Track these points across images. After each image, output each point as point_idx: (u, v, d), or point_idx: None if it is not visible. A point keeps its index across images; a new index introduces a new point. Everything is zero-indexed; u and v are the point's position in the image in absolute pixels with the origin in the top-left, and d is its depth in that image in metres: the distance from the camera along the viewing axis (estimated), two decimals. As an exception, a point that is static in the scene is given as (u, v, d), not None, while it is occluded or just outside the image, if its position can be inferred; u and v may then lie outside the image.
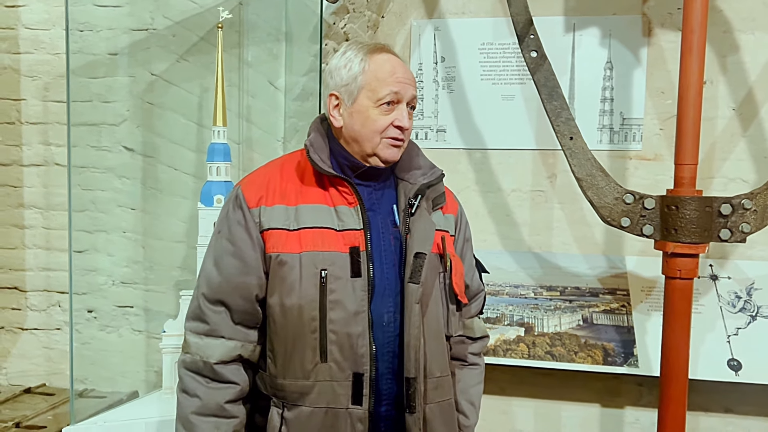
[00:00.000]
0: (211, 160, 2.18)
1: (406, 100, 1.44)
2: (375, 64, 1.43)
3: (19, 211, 2.82)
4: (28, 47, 2.76)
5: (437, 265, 1.49)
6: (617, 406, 2.59)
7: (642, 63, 2.58)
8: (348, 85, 1.44)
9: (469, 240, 1.69)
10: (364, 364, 1.38)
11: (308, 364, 1.38)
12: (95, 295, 2.70)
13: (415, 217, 1.47)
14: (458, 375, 1.62)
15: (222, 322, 1.43)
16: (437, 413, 1.48)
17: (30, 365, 2.85)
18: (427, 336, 1.44)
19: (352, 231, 1.41)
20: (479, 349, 1.68)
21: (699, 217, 1.92)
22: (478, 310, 1.70)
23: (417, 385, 1.40)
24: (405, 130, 1.44)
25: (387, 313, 1.42)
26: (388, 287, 1.43)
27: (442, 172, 1.58)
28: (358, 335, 1.38)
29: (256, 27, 2.54)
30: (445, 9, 2.72)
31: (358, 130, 1.44)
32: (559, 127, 2.07)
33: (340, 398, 1.38)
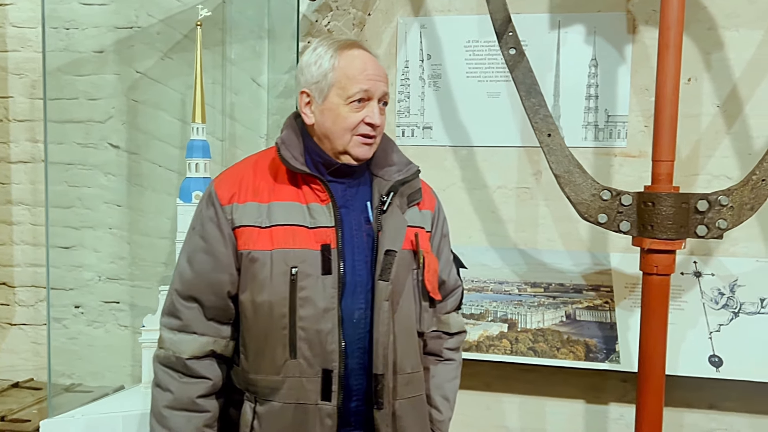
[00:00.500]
0: (189, 156, 2.20)
1: (377, 96, 1.44)
2: (345, 61, 1.42)
3: (7, 208, 2.85)
4: (15, 45, 2.79)
5: (410, 261, 1.49)
6: (602, 402, 2.60)
7: (626, 60, 2.59)
8: (318, 82, 1.43)
9: (447, 236, 1.69)
10: (333, 360, 1.39)
11: (278, 360, 1.39)
12: (82, 291, 2.73)
13: (387, 214, 1.47)
14: (433, 370, 1.63)
15: (195, 318, 1.44)
16: (408, 409, 1.48)
17: (18, 360, 2.88)
18: (398, 332, 1.45)
19: (323, 228, 1.41)
20: (456, 344, 1.69)
21: (675, 214, 1.93)
22: (455, 306, 1.71)
23: (385, 382, 1.41)
24: (376, 127, 1.44)
25: (358, 310, 1.43)
26: (359, 284, 1.43)
27: (417, 169, 1.57)
28: (328, 332, 1.38)
29: (238, 24, 2.56)
30: (431, 6, 2.73)
31: (329, 128, 1.44)
32: (537, 124, 2.08)
33: (309, 394, 1.39)
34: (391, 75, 2.76)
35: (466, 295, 2.57)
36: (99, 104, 2.67)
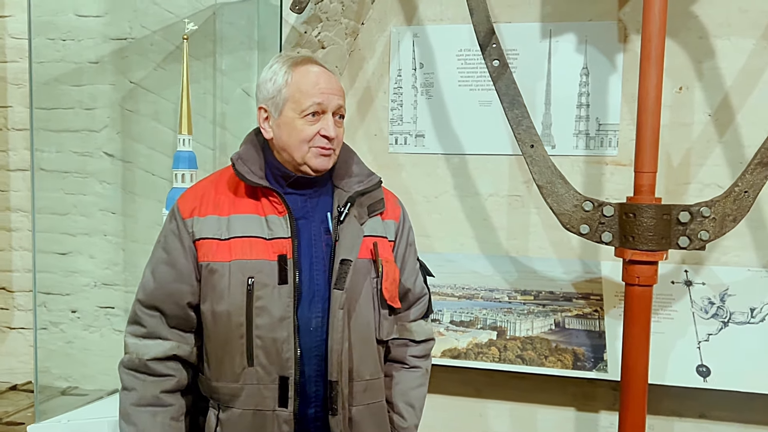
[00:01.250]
0: (176, 167, 2.24)
1: (331, 110, 1.47)
2: (298, 76, 1.46)
3: (6, 214, 2.91)
4: (14, 56, 2.85)
5: (368, 270, 1.52)
6: (592, 410, 2.60)
7: (618, 69, 2.59)
8: (274, 98, 1.47)
9: (412, 245, 1.71)
10: (289, 368, 1.42)
11: (237, 368, 1.43)
12: (78, 296, 2.78)
13: (344, 224, 1.50)
14: (397, 377, 1.65)
15: (157, 326, 1.48)
16: (366, 415, 1.51)
17: (17, 363, 2.94)
18: (354, 340, 1.48)
19: (280, 239, 1.45)
20: (422, 352, 1.69)
21: (656, 225, 1.94)
22: (420, 314, 1.71)
23: (340, 388, 1.44)
24: (332, 139, 1.47)
25: (315, 318, 1.46)
26: (317, 293, 1.46)
27: (379, 180, 1.61)
28: (283, 340, 1.41)
29: (228, 36, 2.59)
30: (424, 16, 2.75)
31: (286, 141, 1.47)
32: (521, 135, 2.09)
33: (266, 401, 1.42)
34: (383, 83, 2.78)
35: (457, 302, 2.61)
36: (94, 114, 2.72)
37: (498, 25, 2.63)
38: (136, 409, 1.46)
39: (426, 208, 2.78)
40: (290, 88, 1.45)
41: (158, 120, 2.66)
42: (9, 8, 2.81)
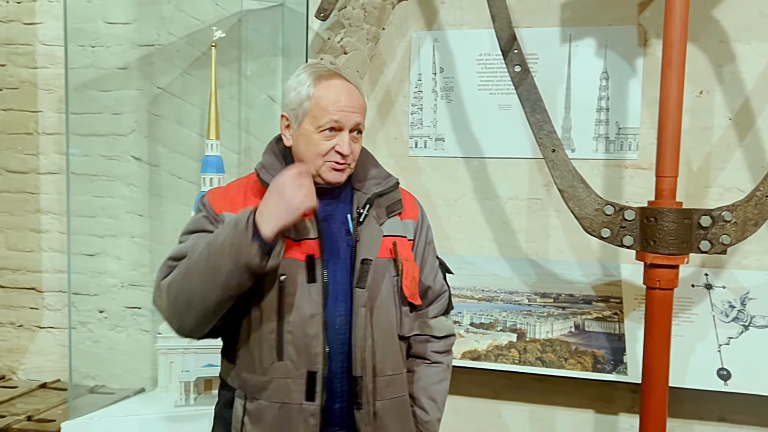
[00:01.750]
0: (204, 171, 2.29)
1: (348, 127, 1.50)
2: (320, 91, 1.49)
3: (36, 216, 2.98)
4: (45, 62, 2.92)
5: (388, 269, 1.56)
6: (611, 413, 2.61)
7: (638, 73, 2.60)
8: (295, 109, 1.51)
9: (431, 243, 1.75)
10: (317, 363, 1.46)
11: (266, 362, 1.47)
12: (105, 297, 2.84)
13: (364, 225, 1.55)
14: (419, 372, 1.68)
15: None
16: (390, 409, 1.55)
17: (46, 362, 3.01)
18: (377, 337, 1.52)
19: (307, 240, 1.49)
20: (443, 347, 1.73)
21: (677, 229, 1.95)
22: (441, 310, 1.75)
23: (364, 384, 1.49)
24: (346, 156, 1.51)
25: (339, 317, 1.50)
26: (341, 292, 1.51)
27: (396, 181, 1.65)
28: (313, 336, 1.46)
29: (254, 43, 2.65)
30: (444, 21, 2.77)
31: (303, 152, 1.52)
32: (542, 139, 2.11)
33: (294, 394, 1.46)
34: (404, 88, 2.81)
35: (476, 305, 2.64)
36: (122, 118, 2.79)
37: (518, 30, 2.64)
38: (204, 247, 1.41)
39: (446, 210, 2.80)
40: (311, 102, 1.48)
41: (184, 124, 2.73)
42: (40, 16, 2.88)
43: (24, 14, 2.90)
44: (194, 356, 2.29)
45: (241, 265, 1.36)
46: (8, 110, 2.94)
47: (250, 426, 1.49)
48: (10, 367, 3.04)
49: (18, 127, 2.96)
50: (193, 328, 1.46)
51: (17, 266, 3.00)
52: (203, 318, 1.43)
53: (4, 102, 2.89)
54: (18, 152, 2.96)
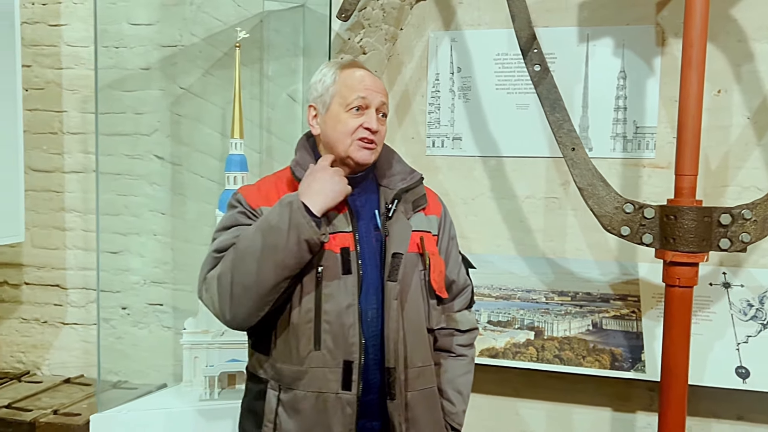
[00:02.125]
0: (229, 170, 2.33)
1: (374, 105, 1.57)
2: (345, 75, 1.58)
3: (61, 215, 3.03)
4: (69, 63, 2.96)
5: (416, 263, 1.60)
6: (628, 411, 2.63)
7: (655, 72, 2.61)
8: (322, 95, 1.59)
9: (454, 238, 1.79)
10: (354, 352, 1.49)
11: (303, 351, 1.51)
12: (128, 294, 2.88)
13: (393, 220, 1.59)
14: (445, 365, 1.72)
15: None
16: (420, 400, 1.58)
17: (70, 357, 3.06)
18: (407, 329, 1.56)
19: (342, 233, 1.54)
20: (467, 341, 1.76)
21: (697, 227, 1.96)
22: (465, 304, 1.79)
23: (397, 374, 1.52)
24: (375, 132, 1.56)
25: (371, 309, 1.54)
26: (372, 285, 1.55)
27: (421, 176, 1.70)
28: (350, 326, 1.50)
29: (275, 43, 2.68)
30: (462, 21, 2.79)
31: (331, 134, 1.57)
32: (562, 138, 2.13)
33: (330, 384, 1.50)
34: (421, 87, 2.84)
35: (494, 303, 2.66)
36: (145, 118, 2.83)
37: (536, 30, 2.66)
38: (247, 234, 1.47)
39: (463, 209, 2.82)
40: (337, 85, 1.56)
41: (206, 124, 2.76)
42: (65, 18, 2.93)
43: (49, 16, 2.95)
44: (218, 351, 2.33)
45: (302, 242, 1.42)
46: (34, 110, 2.99)
47: (285, 416, 1.52)
48: (34, 362, 3.09)
49: (43, 127, 3.00)
50: (246, 316, 1.48)
51: (42, 264, 3.05)
52: (259, 302, 1.46)
53: (29, 102, 2.94)
54: (43, 151, 3.00)
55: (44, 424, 2.45)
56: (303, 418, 1.50)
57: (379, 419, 1.56)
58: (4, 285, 3.10)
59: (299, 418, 1.51)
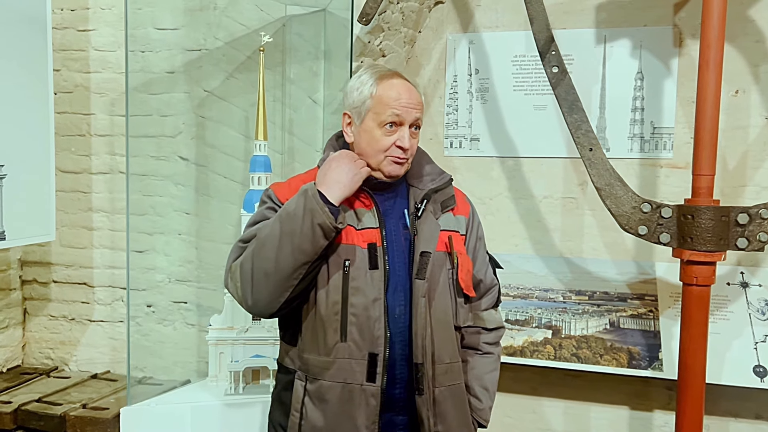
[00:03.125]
0: (253, 170, 2.39)
1: (408, 122, 1.59)
2: (382, 90, 1.59)
3: (88, 215, 3.10)
4: (97, 67, 3.04)
5: (444, 262, 1.63)
6: (646, 410, 2.64)
7: (673, 73, 2.63)
8: (358, 107, 1.61)
9: (482, 238, 1.82)
10: (379, 345, 1.53)
11: (330, 342, 1.55)
12: (153, 292, 2.95)
13: (422, 219, 1.63)
14: (472, 362, 1.75)
15: None
16: (447, 395, 1.62)
17: (97, 353, 3.13)
18: (435, 326, 1.59)
19: (369, 229, 1.58)
20: (494, 339, 1.80)
21: (714, 226, 1.98)
22: (491, 303, 1.82)
23: (424, 370, 1.55)
24: (406, 150, 1.59)
25: (399, 306, 1.58)
26: (399, 282, 1.59)
27: (450, 177, 1.73)
28: (375, 319, 1.54)
29: (297, 47, 2.73)
30: (480, 23, 2.83)
31: (365, 148, 1.61)
32: (579, 139, 2.16)
33: (356, 375, 1.54)
34: (439, 89, 2.88)
35: (512, 302, 2.69)
36: (170, 120, 2.90)
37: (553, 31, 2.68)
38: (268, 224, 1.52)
39: (481, 209, 2.82)
40: (373, 100, 1.58)
41: (229, 126, 2.82)
42: (93, 23, 3.00)
43: (78, 21, 3.02)
44: (243, 347, 2.39)
45: (315, 226, 1.46)
46: (63, 113, 3.06)
47: (311, 406, 1.56)
48: (63, 358, 3.17)
49: (72, 129, 3.08)
50: (267, 302, 1.52)
51: (70, 262, 3.13)
52: (279, 287, 1.49)
53: (59, 105, 3.01)
54: (72, 153, 3.08)
55: (74, 417, 2.52)
56: (328, 407, 1.54)
57: (406, 414, 1.60)
58: (34, 283, 3.19)
59: (325, 408, 1.55)
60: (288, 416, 1.60)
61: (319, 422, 1.55)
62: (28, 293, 3.19)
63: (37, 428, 2.55)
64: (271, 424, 1.70)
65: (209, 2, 2.79)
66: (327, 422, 1.55)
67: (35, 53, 2.54)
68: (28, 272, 3.19)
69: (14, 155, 2.43)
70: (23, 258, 3.17)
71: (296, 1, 2.69)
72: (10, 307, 3.10)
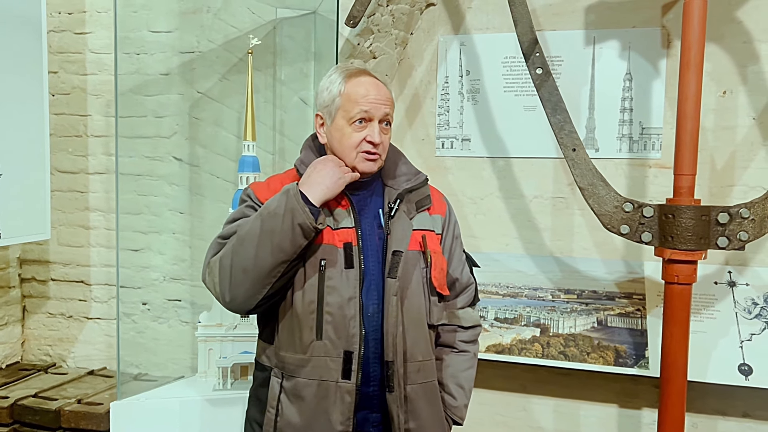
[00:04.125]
0: (241, 170, 2.43)
1: (377, 117, 1.62)
2: (350, 87, 1.62)
3: (85, 214, 3.15)
4: (94, 69, 3.09)
5: (418, 261, 1.66)
6: (635, 407, 2.66)
7: (661, 74, 2.65)
8: (328, 106, 1.64)
9: (458, 237, 1.85)
10: (354, 343, 1.56)
11: (306, 341, 1.58)
12: (148, 290, 3.00)
13: (394, 219, 1.65)
14: (447, 360, 1.78)
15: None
16: (420, 393, 1.64)
17: (93, 350, 3.18)
18: (407, 324, 1.62)
19: (345, 229, 1.61)
20: (470, 337, 1.82)
21: (695, 225, 2.01)
22: (468, 302, 1.85)
23: (395, 368, 1.58)
24: (377, 145, 1.62)
25: (372, 305, 1.61)
26: (373, 281, 1.61)
27: (425, 177, 1.76)
28: (351, 317, 1.56)
29: (288, 49, 2.77)
30: (471, 25, 2.86)
31: (337, 146, 1.64)
32: (563, 139, 2.19)
33: (331, 372, 1.56)
34: (431, 90, 2.91)
35: (501, 300, 2.72)
36: (165, 121, 2.95)
37: (543, 33, 2.72)
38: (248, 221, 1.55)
39: (472, 209, 2.88)
40: (342, 98, 1.61)
41: (222, 126, 2.87)
42: (89, 26, 3.06)
43: (75, 24, 3.08)
44: (231, 344, 2.43)
45: (296, 226, 1.49)
46: (60, 114, 3.12)
47: (287, 402, 1.59)
48: (60, 355, 3.22)
49: (69, 130, 3.14)
50: (244, 298, 1.55)
51: (68, 260, 3.18)
52: (257, 285, 1.52)
53: (56, 107, 3.07)
54: (69, 153, 3.14)
55: (68, 412, 2.57)
56: (304, 404, 1.57)
57: (380, 411, 1.63)
58: (33, 281, 3.25)
59: (300, 405, 1.58)
60: (264, 413, 1.62)
61: (295, 419, 1.58)
62: (27, 291, 3.25)
63: (32, 422, 2.61)
64: (247, 421, 1.73)
65: (202, 5, 2.83)
66: (303, 419, 1.57)
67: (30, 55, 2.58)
68: (27, 270, 3.25)
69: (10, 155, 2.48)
70: (22, 256, 3.23)
71: (286, 4, 2.73)
72: (10, 305, 3.16)
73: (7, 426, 2.61)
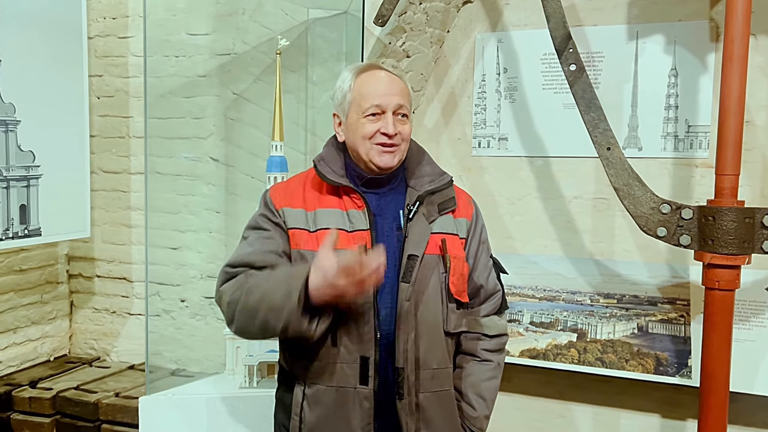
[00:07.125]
0: (269, 170, 2.45)
1: (390, 109, 1.59)
2: (360, 82, 1.61)
3: (127, 213, 3.26)
4: (135, 72, 3.19)
5: (437, 265, 1.62)
6: (678, 418, 2.55)
7: (709, 69, 2.52)
8: (342, 104, 1.64)
9: (485, 242, 1.79)
10: (369, 349, 1.54)
11: (322, 348, 1.56)
12: (186, 287, 3.07)
13: (413, 221, 1.62)
14: (468, 369, 1.73)
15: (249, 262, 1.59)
16: (433, 401, 1.61)
17: (135, 345, 3.28)
18: (422, 331, 1.58)
19: (360, 231, 1.58)
20: (494, 346, 1.76)
21: (737, 228, 1.90)
22: (493, 310, 1.78)
23: (406, 375, 1.55)
24: (392, 136, 1.59)
25: (385, 309, 1.58)
26: (388, 285, 1.58)
27: (450, 179, 1.71)
28: (365, 323, 1.54)
29: (319, 49, 2.79)
30: (509, 22, 2.79)
31: (353, 140, 1.62)
32: (597, 138, 2.11)
33: (348, 378, 1.55)
34: (468, 89, 2.86)
35: (537, 304, 2.65)
36: (202, 122, 3.01)
37: (583, 29, 2.63)
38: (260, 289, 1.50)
39: (509, 210, 2.82)
40: (353, 93, 1.61)
41: (257, 127, 2.90)
42: (131, 30, 3.16)
43: (118, 29, 3.18)
44: (258, 343, 2.45)
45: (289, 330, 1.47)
46: (104, 116, 3.23)
47: (308, 410, 1.58)
48: (104, 349, 3.34)
49: (112, 132, 3.25)
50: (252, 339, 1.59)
51: (111, 258, 3.30)
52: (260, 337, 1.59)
53: (101, 109, 3.18)
54: (112, 154, 3.25)
55: (106, 405, 2.66)
56: (324, 411, 1.57)
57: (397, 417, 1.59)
58: (79, 277, 3.37)
59: (321, 411, 1.57)
60: (290, 418, 1.63)
61: (317, 425, 1.58)
62: (74, 287, 3.38)
63: (73, 414, 2.71)
64: (276, 424, 1.74)
65: (238, 7, 2.87)
66: (324, 425, 1.57)
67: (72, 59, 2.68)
68: (74, 267, 3.38)
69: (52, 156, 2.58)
70: (70, 253, 3.36)
71: (318, 5, 2.74)
72: (58, 300, 3.29)
73: (49, 417, 2.72)
